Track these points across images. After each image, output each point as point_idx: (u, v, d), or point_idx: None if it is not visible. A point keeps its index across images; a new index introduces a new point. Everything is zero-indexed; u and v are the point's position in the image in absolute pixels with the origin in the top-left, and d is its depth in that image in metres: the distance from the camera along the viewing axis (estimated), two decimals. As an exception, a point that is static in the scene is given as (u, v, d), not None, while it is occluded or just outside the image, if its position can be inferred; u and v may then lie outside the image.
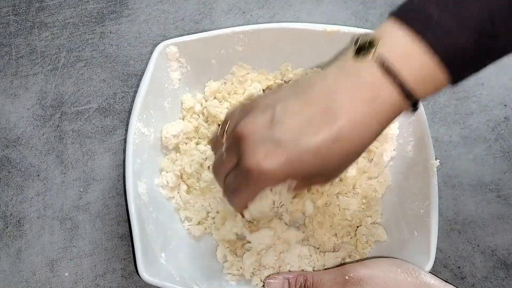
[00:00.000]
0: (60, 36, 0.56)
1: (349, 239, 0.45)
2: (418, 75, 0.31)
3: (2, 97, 0.53)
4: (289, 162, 0.31)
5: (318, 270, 0.43)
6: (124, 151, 0.46)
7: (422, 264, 0.39)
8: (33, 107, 0.53)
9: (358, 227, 0.45)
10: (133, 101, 0.45)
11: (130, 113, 0.44)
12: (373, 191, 0.46)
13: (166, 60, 0.47)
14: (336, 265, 0.43)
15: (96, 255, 0.47)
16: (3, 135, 0.52)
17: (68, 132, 0.52)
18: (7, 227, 0.48)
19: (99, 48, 0.55)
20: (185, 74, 0.49)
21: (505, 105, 0.52)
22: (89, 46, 0.56)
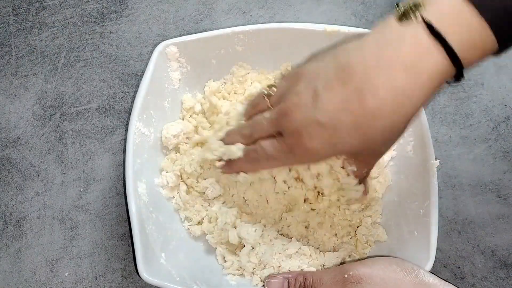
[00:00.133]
0: (60, 36, 0.56)
1: (349, 239, 0.45)
2: (465, 40, 0.29)
3: (2, 97, 0.53)
4: (331, 143, 0.33)
5: (317, 269, 0.43)
6: (124, 151, 0.46)
7: (422, 264, 0.39)
8: (33, 107, 0.53)
9: (358, 227, 0.45)
10: (133, 101, 0.45)
11: (130, 113, 0.44)
12: (373, 191, 0.46)
13: (166, 60, 0.47)
14: (336, 265, 0.43)
15: (96, 255, 0.47)
16: (3, 135, 0.52)
17: (68, 132, 0.52)
18: (7, 227, 0.48)
19: (99, 48, 0.55)
20: (185, 74, 0.49)
21: (505, 105, 0.52)
22: (89, 46, 0.56)
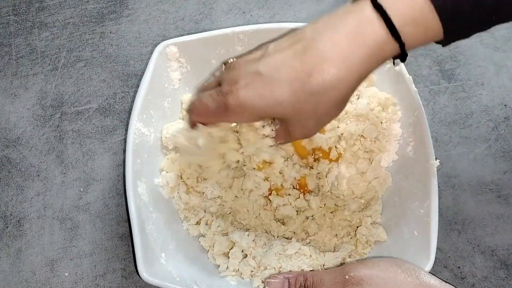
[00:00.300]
0: (60, 36, 0.56)
1: (349, 239, 0.45)
2: (408, 17, 0.30)
3: (2, 97, 0.53)
4: (263, 95, 0.32)
5: (318, 270, 0.43)
6: (124, 151, 0.46)
7: (422, 264, 0.39)
8: (33, 107, 0.53)
9: (358, 227, 0.45)
10: (133, 101, 0.45)
11: (130, 113, 0.44)
12: (373, 191, 0.46)
13: (166, 60, 0.47)
14: (336, 265, 0.43)
15: (96, 255, 0.47)
16: (3, 135, 0.52)
17: (68, 132, 0.52)
18: (7, 227, 0.48)
19: (99, 48, 0.55)
20: (185, 74, 0.49)
21: (505, 105, 0.52)
22: (89, 46, 0.56)
